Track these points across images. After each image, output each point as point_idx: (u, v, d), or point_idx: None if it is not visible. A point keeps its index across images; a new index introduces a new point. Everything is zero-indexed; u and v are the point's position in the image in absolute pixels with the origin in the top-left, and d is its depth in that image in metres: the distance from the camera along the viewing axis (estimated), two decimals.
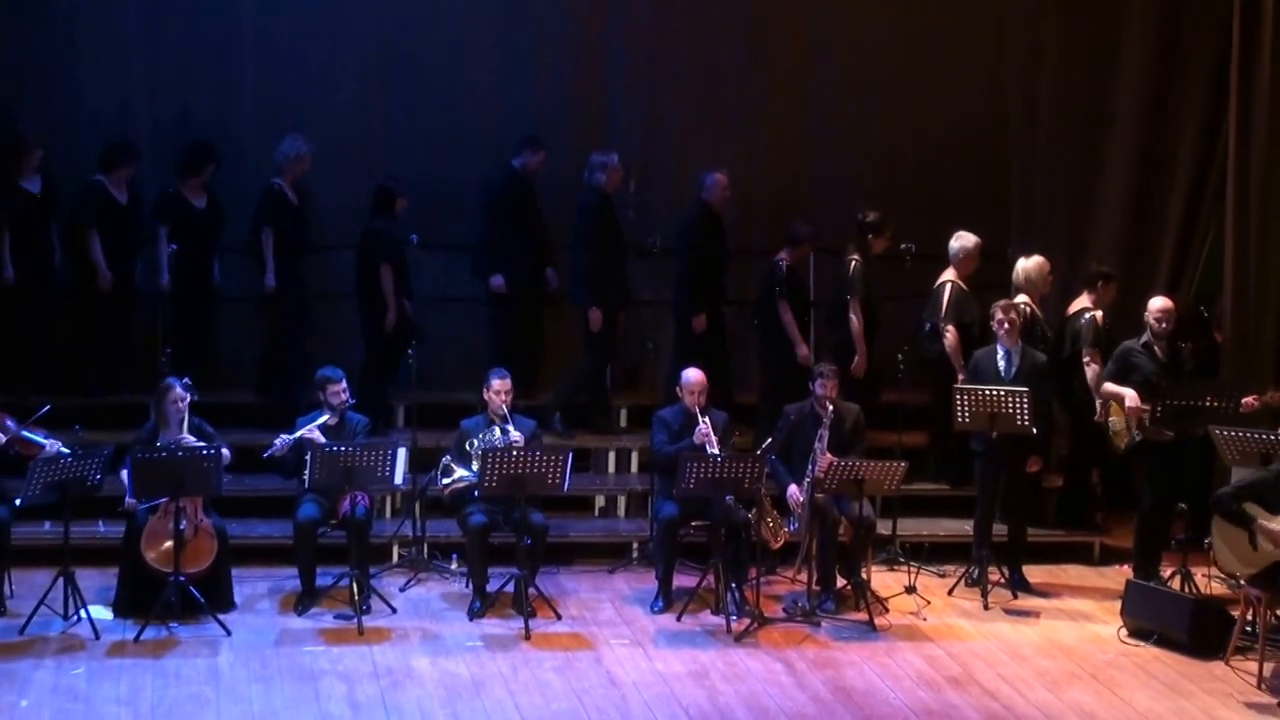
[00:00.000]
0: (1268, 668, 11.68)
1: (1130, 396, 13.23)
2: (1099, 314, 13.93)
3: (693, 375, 12.88)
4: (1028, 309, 13.91)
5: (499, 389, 12.75)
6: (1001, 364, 13.27)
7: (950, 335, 14.08)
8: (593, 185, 14.58)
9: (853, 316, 14.27)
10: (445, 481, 12.75)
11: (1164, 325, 13.33)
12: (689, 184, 14.94)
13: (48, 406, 12.29)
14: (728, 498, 12.40)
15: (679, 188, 15.08)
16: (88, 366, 14.27)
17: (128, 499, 12.14)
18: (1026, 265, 14.09)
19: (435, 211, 14.74)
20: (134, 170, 14.36)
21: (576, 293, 14.75)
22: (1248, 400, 13.34)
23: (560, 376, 15.06)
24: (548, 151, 14.72)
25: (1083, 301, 14.11)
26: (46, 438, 12.13)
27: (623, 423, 15.05)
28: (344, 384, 12.73)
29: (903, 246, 14.52)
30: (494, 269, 14.63)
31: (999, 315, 13.28)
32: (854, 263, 14.34)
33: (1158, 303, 13.45)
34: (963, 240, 14.25)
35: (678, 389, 12.94)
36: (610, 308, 14.67)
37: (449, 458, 12.82)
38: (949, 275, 14.27)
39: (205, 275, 14.55)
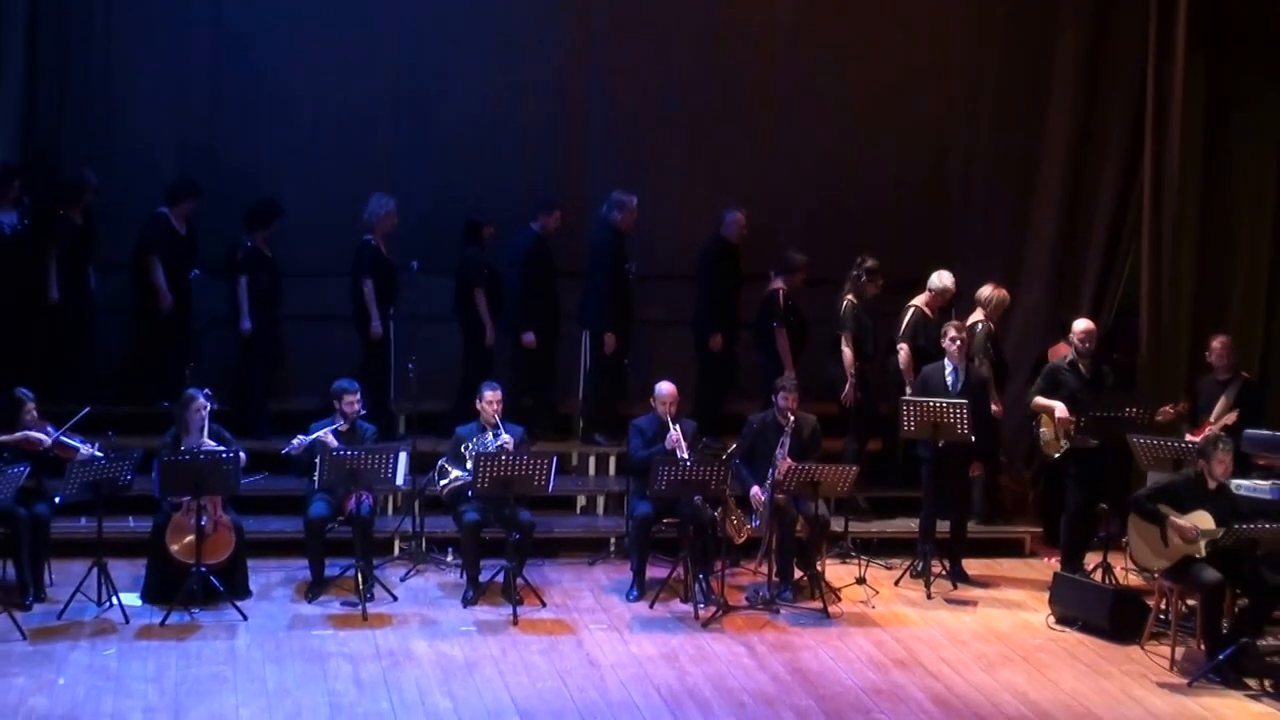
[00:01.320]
0: (1179, 652, 11.74)
1: (1059, 409, 13.28)
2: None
3: (665, 388, 12.91)
4: (989, 326, 13.95)
5: (490, 399, 12.76)
6: (949, 379, 13.31)
7: (903, 353, 14.09)
8: (609, 222, 14.51)
9: (845, 350, 14.18)
10: (443, 482, 12.74)
11: (1087, 345, 13.41)
12: (662, 216, 14.91)
13: (86, 409, 12.26)
14: (696, 497, 12.41)
15: (653, 220, 15.01)
16: (148, 379, 14.20)
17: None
18: (993, 293, 14.10)
19: (435, 238, 14.65)
20: (194, 205, 14.31)
21: (586, 318, 14.72)
22: (1164, 410, 13.43)
23: (582, 399, 15.04)
24: (562, 209, 14.59)
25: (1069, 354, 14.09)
26: (82, 442, 12.12)
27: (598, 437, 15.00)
28: (358, 395, 12.74)
29: (858, 259, 14.45)
30: (525, 326, 14.46)
31: (951, 334, 13.33)
32: (847, 302, 14.26)
33: (1081, 325, 13.52)
34: (941, 279, 14.19)
35: (651, 400, 12.97)
36: (620, 332, 14.63)
37: (445, 460, 12.82)
38: (919, 301, 14.27)
39: (276, 308, 14.42)
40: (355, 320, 14.39)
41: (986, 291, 14.12)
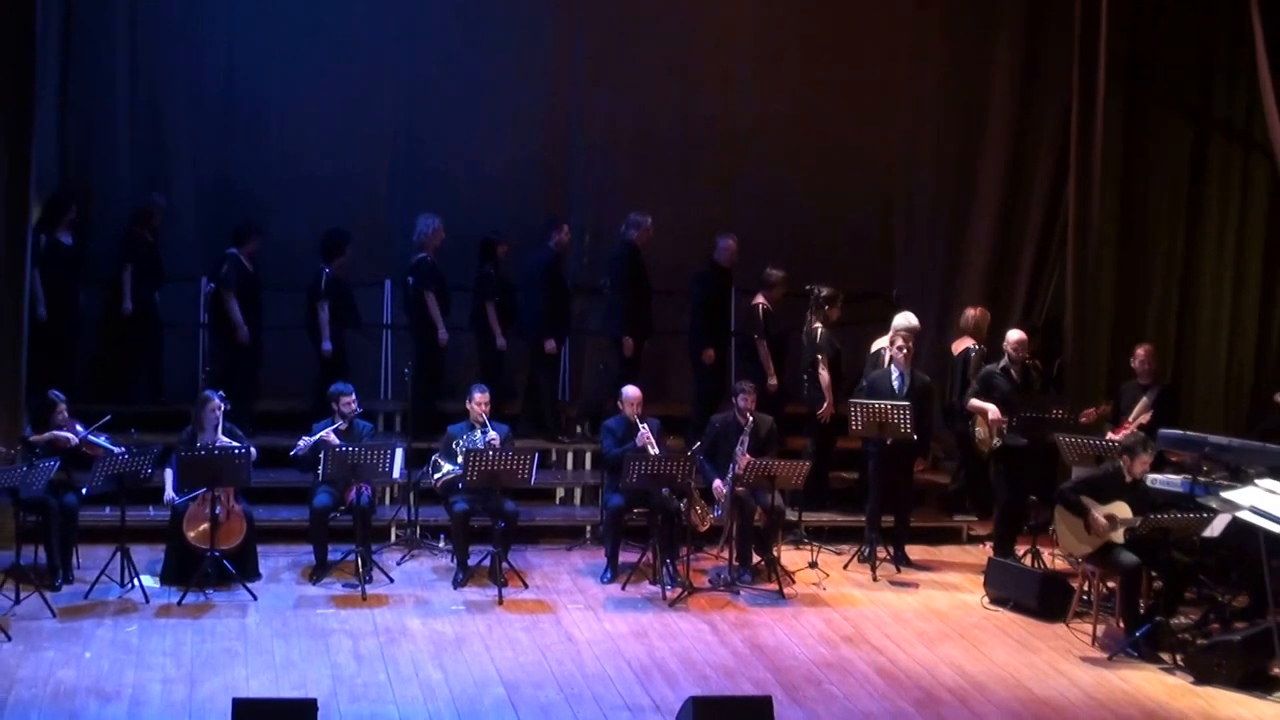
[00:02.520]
0: (1100, 629, 11.76)
1: (992, 410, 13.28)
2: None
3: (632, 392, 12.92)
4: (982, 349, 13.94)
5: (479, 400, 12.75)
6: (895, 383, 13.29)
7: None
8: (625, 240, 14.45)
9: (822, 372, 13.98)
10: (436, 476, 12.71)
11: (1019, 353, 13.43)
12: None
13: (108, 416, 12.22)
14: (664, 490, 12.38)
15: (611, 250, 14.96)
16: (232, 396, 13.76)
17: (167, 494, 12.15)
18: (976, 315, 14.06)
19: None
20: (259, 244, 14.17)
21: (610, 327, 14.63)
22: (1088, 412, 13.46)
23: (584, 393, 15.12)
24: (569, 224, 14.57)
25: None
26: (107, 440, 12.09)
27: (579, 430, 14.95)
28: (353, 396, 12.71)
29: (808, 287, 14.44)
30: (547, 334, 14.39)
31: (899, 343, 13.33)
32: (819, 330, 14.13)
33: (1014, 335, 13.55)
34: (907, 319, 13.74)
35: (619, 403, 12.95)
36: (638, 338, 14.56)
37: (438, 455, 12.79)
38: (882, 343, 14.03)
39: (346, 328, 14.32)
40: (414, 329, 14.36)
41: (972, 315, 14.10)
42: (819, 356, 14.08)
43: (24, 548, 11.84)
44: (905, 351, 13.30)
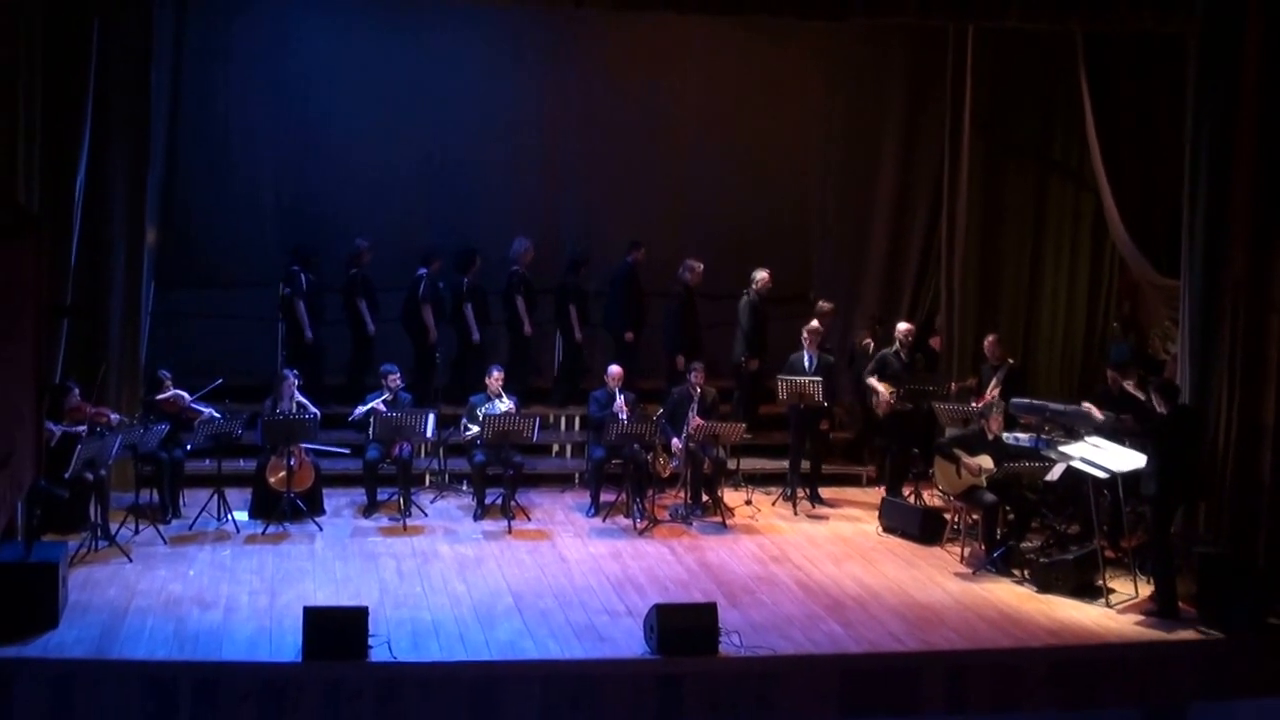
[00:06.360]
0: (967, 551, 11.75)
1: (884, 385, 13.23)
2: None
3: (614, 369, 12.82)
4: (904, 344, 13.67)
5: (496, 378, 12.64)
6: (806, 363, 13.22)
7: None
8: (681, 279, 14.06)
9: (871, 380, 13.45)
10: (465, 434, 12.59)
11: (907, 339, 13.39)
12: (611, 247, 14.61)
13: (219, 380, 12.09)
14: (635, 445, 12.31)
15: (605, 248, 14.74)
16: (419, 384, 13.60)
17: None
18: (901, 328, 13.75)
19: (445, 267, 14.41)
20: (442, 265, 13.90)
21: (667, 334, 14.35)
22: (959, 383, 13.44)
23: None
24: (646, 248, 14.28)
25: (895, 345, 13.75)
26: (207, 406, 11.97)
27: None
28: (398, 375, 12.57)
29: (876, 316, 14.45)
30: (626, 328, 14.12)
31: (806, 335, 13.25)
32: (870, 346, 13.96)
33: (902, 326, 13.54)
34: (906, 325, 13.70)
35: (605, 377, 12.83)
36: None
37: (464, 419, 12.66)
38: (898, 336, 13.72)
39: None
40: (508, 325, 14.10)
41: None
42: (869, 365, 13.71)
43: (141, 491, 11.74)
44: (811, 339, 13.26)
